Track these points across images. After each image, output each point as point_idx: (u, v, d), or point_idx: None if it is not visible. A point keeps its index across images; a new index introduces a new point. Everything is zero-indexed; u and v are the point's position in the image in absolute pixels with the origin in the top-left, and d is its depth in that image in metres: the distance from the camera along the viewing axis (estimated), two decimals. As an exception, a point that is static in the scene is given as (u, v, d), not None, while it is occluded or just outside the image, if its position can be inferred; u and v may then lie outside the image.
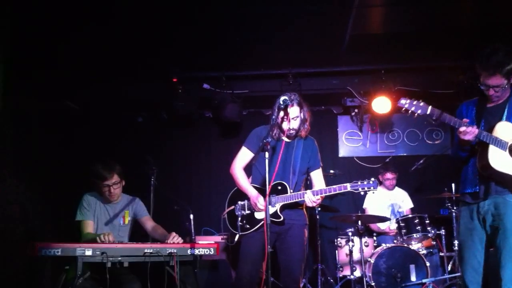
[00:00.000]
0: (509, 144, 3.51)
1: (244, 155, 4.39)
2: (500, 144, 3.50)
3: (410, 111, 3.55)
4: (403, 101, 3.58)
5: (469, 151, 3.65)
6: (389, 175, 7.03)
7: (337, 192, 4.12)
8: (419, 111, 3.53)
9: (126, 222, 4.58)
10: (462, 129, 3.47)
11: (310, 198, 4.06)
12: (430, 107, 3.53)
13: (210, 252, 4.13)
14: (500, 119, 3.59)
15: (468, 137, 3.46)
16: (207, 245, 4.12)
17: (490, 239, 3.59)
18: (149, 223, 4.62)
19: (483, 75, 3.57)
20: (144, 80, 6.74)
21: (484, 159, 3.51)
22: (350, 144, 7.99)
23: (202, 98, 6.95)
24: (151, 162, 4.75)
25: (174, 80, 6.60)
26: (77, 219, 4.45)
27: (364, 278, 5.75)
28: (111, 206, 4.55)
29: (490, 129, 3.57)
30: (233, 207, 4.32)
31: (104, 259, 3.65)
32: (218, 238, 5.73)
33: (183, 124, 7.40)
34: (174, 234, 4.17)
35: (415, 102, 3.55)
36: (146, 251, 3.80)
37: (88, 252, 3.62)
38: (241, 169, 4.38)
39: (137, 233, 4.68)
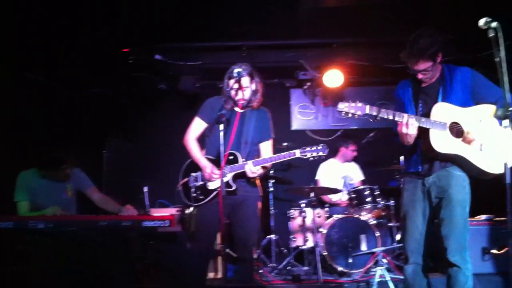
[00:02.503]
0: (448, 124, 3.60)
1: (197, 126, 4.36)
2: (440, 126, 3.58)
3: (349, 114, 3.55)
4: (341, 106, 3.57)
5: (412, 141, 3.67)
6: (354, 147, 7.20)
7: (286, 159, 4.14)
8: (358, 112, 3.54)
9: (69, 195, 4.49)
10: (403, 121, 3.52)
11: (250, 169, 4.07)
12: (368, 106, 3.54)
13: (165, 225, 4.10)
14: (436, 99, 3.68)
15: (410, 131, 3.51)
16: (162, 217, 4.09)
17: (435, 210, 3.70)
18: (95, 195, 4.55)
19: (409, 62, 3.66)
20: (95, 51, 6.54)
21: (427, 143, 3.59)
22: (302, 117, 8.07)
23: (156, 70, 6.83)
24: (105, 136, 4.67)
25: (125, 50, 6.45)
26: (14, 200, 4.34)
27: (317, 248, 5.86)
28: (50, 180, 4.44)
29: (428, 110, 3.65)
30: (187, 179, 4.30)
31: (56, 231, 3.58)
32: (173, 211, 5.71)
33: (137, 96, 7.27)
34: (129, 206, 4.12)
35: (353, 104, 3.54)
36: (100, 223, 3.74)
37: (41, 225, 3.54)
38: (194, 140, 4.34)
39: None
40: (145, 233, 4.00)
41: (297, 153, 4.14)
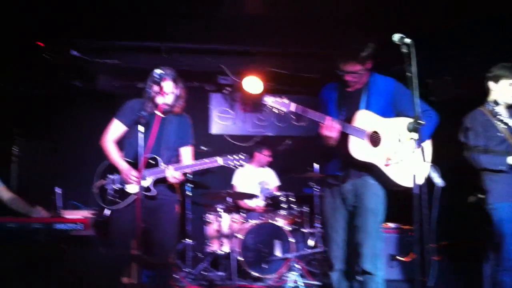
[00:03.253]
0: (366, 133, 3.67)
1: (116, 128, 4.26)
2: (360, 133, 3.65)
3: (274, 108, 3.59)
4: (267, 99, 3.60)
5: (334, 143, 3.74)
6: (268, 152, 7.27)
7: (208, 166, 4.14)
8: (283, 108, 3.58)
9: None
10: (326, 123, 3.58)
11: (172, 174, 4.04)
12: (294, 104, 3.59)
13: (79, 228, 3.97)
14: (358, 106, 3.76)
15: (332, 133, 3.57)
16: (75, 220, 3.96)
17: (352, 217, 3.77)
18: (5, 194, 4.32)
19: (340, 61, 3.73)
20: (7, 44, 6.22)
21: (345, 148, 3.64)
22: (221, 121, 8.09)
23: (72, 67, 6.59)
24: (15, 133, 4.44)
25: (40, 44, 6.16)
26: None
27: (232, 253, 5.88)
28: None
29: (350, 115, 3.71)
30: (103, 181, 4.18)
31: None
32: (86, 213, 5.52)
33: (51, 93, 6.96)
34: (40, 208, 3.95)
35: (279, 100, 3.59)
36: (8, 225, 3.55)
37: None
38: (112, 142, 4.24)
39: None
40: (56, 236, 3.84)
41: (220, 161, 4.14)
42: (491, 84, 4.31)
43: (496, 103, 4.07)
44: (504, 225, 4.10)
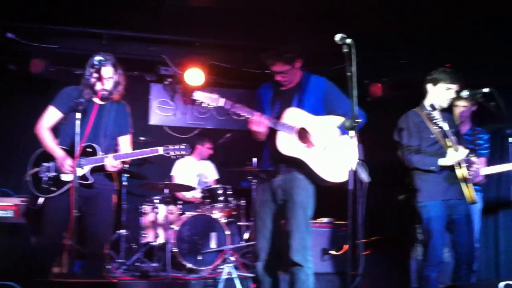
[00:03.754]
0: (295, 129, 3.79)
1: (52, 115, 4.15)
2: (288, 129, 3.77)
3: (204, 103, 3.71)
4: (197, 94, 3.72)
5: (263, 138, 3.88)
6: (210, 145, 7.27)
7: (148, 155, 4.13)
8: (213, 103, 3.72)
9: None
10: (254, 119, 3.71)
11: (111, 163, 4.00)
12: (223, 100, 3.72)
13: (9, 215, 3.86)
14: (291, 104, 3.88)
15: (260, 128, 3.71)
16: (5, 207, 3.84)
17: (282, 211, 3.88)
18: None
19: (267, 62, 3.88)
20: None
21: (274, 144, 3.77)
22: (161, 112, 8.01)
23: (7, 50, 6.34)
24: None
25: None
26: None
27: (167, 245, 5.85)
28: None
29: (282, 114, 3.85)
30: (37, 168, 4.07)
31: None
32: (17, 201, 5.35)
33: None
34: None
35: (208, 95, 3.71)
36: None
37: None
38: (47, 129, 4.13)
39: None
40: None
41: (160, 150, 4.14)
42: (429, 86, 4.48)
43: (433, 107, 4.24)
44: (432, 223, 4.29)
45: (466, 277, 4.34)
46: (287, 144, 3.76)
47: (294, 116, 3.82)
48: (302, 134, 3.82)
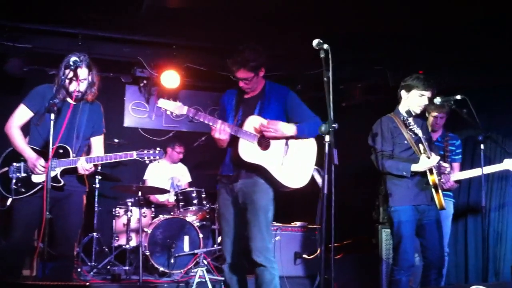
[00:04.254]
0: (257, 137, 3.87)
1: (23, 114, 4.07)
2: (250, 137, 3.85)
3: (168, 111, 3.80)
4: (161, 102, 3.82)
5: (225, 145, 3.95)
6: (181, 149, 7.24)
7: (122, 159, 4.11)
8: (176, 111, 3.79)
9: None
10: (217, 126, 3.76)
11: (83, 166, 3.96)
12: (186, 108, 3.79)
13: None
14: (253, 112, 3.95)
15: (222, 136, 3.77)
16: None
17: (243, 214, 3.92)
18: None
19: (232, 68, 3.91)
20: None
21: (235, 151, 3.83)
22: (136, 114, 7.97)
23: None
24: None
25: None
26: None
27: (140, 248, 5.79)
28: None
29: (243, 121, 3.92)
30: (6, 168, 3.99)
31: None
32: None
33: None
34: None
35: (172, 103, 3.79)
36: None
37: None
38: (18, 128, 4.05)
39: None
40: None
41: (134, 155, 4.13)
42: (403, 92, 4.53)
43: (409, 113, 4.29)
44: (402, 227, 4.34)
45: (436, 281, 4.39)
46: (248, 151, 3.83)
47: (254, 123, 3.89)
48: (263, 142, 3.90)
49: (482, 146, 4.66)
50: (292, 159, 3.95)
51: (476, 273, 6.24)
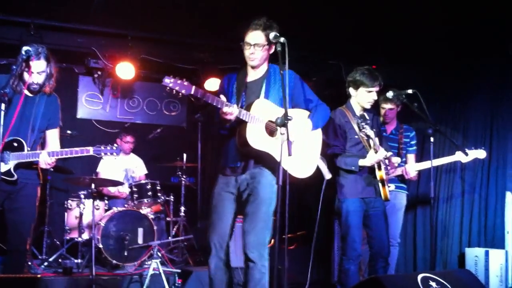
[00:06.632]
0: (265, 122, 3.69)
1: None
2: (257, 122, 3.64)
3: (174, 90, 3.43)
4: (167, 80, 3.42)
5: (229, 129, 3.74)
6: (129, 138, 7.16)
7: (79, 155, 4.07)
8: (183, 91, 3.44)
9: None
10: (225, 109, 3.52)
11: (45, 160, 3.90)
12: (194, 87, 3.47)
13: None
14: (259, 96, 3.74)
15: (229, 117, 3.54)
16: None
17: (242, 206, 3.76)
18: None
19: (247, 33, 3.70)
20: None
21: (242, 137, 3.62)
22: (89, 106, 7.85)
23: None
24: None
25: None
26: None
27: (92, 241, 5.72)
28: None
29: (249, 105, 3.68)
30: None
31: None
32: None
33: None
34: None
35: (179, 81, 3.43)
36: None
37: None
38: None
39: None
40: None
41: (91, 151, 4.10)
42: (351, 90, 4.62)
43: (363, 117, 4.39)
44: (350, 217, 4.47)
45: (383, 269, 4.53)
46: (256, 137, 3.62)
47: (262, 107, 3.68)
48: (270, 127, 3.70)
49: (431, 139, 4.81)
50: (300, 147, 3.77)
51: (424, 263, 6.46)
